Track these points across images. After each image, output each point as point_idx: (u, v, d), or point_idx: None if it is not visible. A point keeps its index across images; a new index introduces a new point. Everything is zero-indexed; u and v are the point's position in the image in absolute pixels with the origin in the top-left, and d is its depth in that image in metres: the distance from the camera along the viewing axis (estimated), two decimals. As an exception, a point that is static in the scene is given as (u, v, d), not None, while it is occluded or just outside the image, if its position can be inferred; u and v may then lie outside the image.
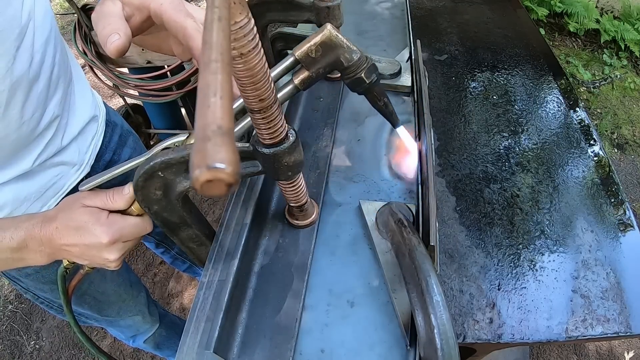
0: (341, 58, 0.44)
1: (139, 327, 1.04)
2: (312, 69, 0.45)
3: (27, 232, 0.47)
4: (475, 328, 0.53)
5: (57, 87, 0.61)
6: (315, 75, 0.45)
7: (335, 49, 0.44)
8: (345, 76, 0.47)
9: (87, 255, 0.48)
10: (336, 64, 0.45)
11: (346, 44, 0.44)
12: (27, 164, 0.59)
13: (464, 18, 1.06)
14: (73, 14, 2.76)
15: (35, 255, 0.48)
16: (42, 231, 0.46)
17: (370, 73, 0.47)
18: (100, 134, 0.75)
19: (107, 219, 0.46)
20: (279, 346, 0.45)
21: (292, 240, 0.54)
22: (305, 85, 0.46)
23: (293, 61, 0.45)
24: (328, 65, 0.45)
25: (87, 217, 0.46)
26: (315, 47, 0.43)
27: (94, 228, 0.45)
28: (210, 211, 1.92)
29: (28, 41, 0.53)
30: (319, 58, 0.44)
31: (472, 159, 0.72)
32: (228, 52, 0.18)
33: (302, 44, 0.44)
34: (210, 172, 0.14)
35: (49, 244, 0.47)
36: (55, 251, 0.48)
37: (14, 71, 0.51)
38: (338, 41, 0.43)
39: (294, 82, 0.46)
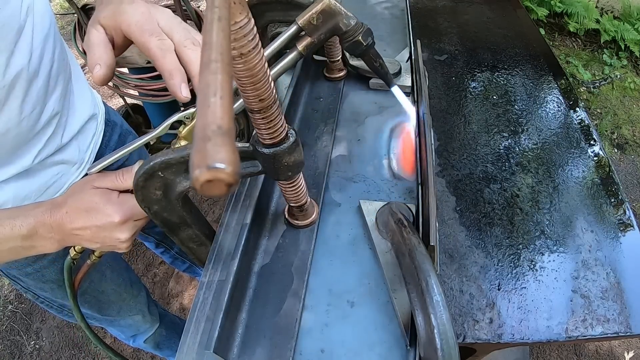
0: (340, 24, 0.49)
1: (139, 326, 1.04)
2: (314, 35, 0.49)
3: (37, 219, 0.47)
4: (475, 328, 0.53)
5: (57, 83, 0.61)
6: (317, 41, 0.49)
7: (334, 15, 0.48)
8: (344, 40, 0.51)
9: (98, 237, 0.48)
10: (336, 29, 0.49)
11: (344, 11, 0.48)
12: (27, 161, 0.59)
13: (464, 18, 1.06)
14: (73, 14, 2.76)
15: (45, 242, 0.48)
16: (52, 217, 0.47)
17: (367, 36, 0.51)
18: (100, 133, 0.76)
19: (118, 198, 0.47)
20: (279, 346, 0.45)
21: (292, 240, 0.54)
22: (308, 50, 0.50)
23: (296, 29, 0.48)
24: (328, 30, 0.49)
25: (98, 197, 0.46)
26: (317, 15, 0.47)
27: (106, 208, 0.46)
28: (210, 211, 1.92)
29: (27, 37, 0.53)
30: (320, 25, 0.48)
31: (472, 159, 0.72)
32: (228, 52, 0.18)
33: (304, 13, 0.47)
34: (210, 172, 0.14)
35: (59, 230, 0.47)
36: (65, 237, 0.48)
37: (13, 66, 0.51)
38: (337, 9, 0.48)
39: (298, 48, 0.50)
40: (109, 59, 0.43)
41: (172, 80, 0.43)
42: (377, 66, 0.57)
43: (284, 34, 0.48)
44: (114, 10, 0.44)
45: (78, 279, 0.56)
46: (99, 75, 0.42)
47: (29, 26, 0.54)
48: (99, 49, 0.43)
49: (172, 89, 0.43)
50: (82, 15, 1.38)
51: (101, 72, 0.42)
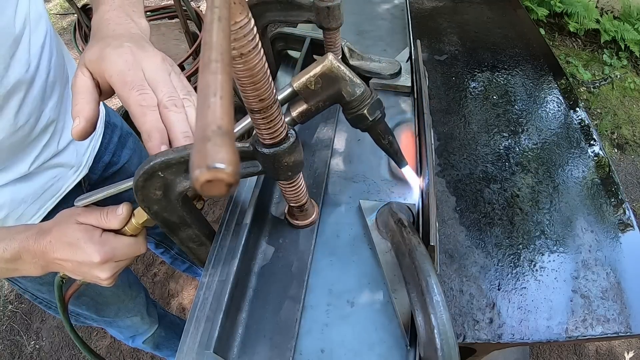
0: (343, 92, 0.41)
1: (138, 327, 1.04)
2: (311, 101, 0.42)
3: (21, 244, 0.46)
4: (475, 328, 0.53)
5: (53, 91, 0.60)
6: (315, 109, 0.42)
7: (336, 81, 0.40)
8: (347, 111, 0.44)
9: (79, 271, 0.48)
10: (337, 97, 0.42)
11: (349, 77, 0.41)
12: (24, 167, 0.58)
13: (464, 18, 1.06)
14: (73, 14, 2.76)
15: (29, 266, 0.48)
16: (36, 244, 0.46)
17: (374, 109, 0.43)
18: (99, 136, 0.75)
19: (99, 238, 0.46)
20: (279, 346, 0.45)
21: (292, 240, 0.54)
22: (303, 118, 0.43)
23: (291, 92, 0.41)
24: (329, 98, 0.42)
25: (80, 234, 0.45)
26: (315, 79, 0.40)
27: (86, 246, 0.45)
28: (210, 211, 1.92)
29: (24, 48, 0.52)
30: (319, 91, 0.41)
31: (472, 159, 0.72)
32: (228, 52, 0.18)
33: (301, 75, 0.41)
34: (210, 172, 0.14)
35: (42, 257, 0.47)
36: (48, 264, 0.48)
37: (8, 79, 0.50)
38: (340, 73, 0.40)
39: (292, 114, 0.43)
40: (89, 112, 0.40)
41: (150, 142, 0.39)
42: (386, 144, 0.48)
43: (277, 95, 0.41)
44: (99, 53, 0.41)
45: (68, 295, 0.55)
46: (78, 130, 0.39)
47: (25, 36, 0.52)
48: (82, 99, 0.40)
49: (150, 151, 0.39)
50: (82, 15, 1.39)
51: (80, 127, 0.39)
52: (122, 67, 0.40)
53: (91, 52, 0.42)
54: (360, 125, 0.45)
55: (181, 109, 0.41)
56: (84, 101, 0.40)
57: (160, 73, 0.42)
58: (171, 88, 0.41)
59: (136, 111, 0.39)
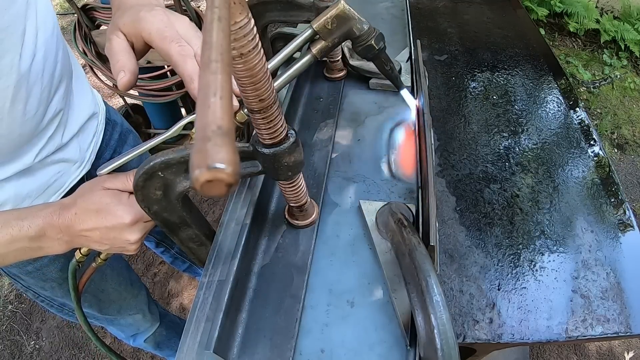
0: (354, 28, 0.50)
1: (140, 325, 1.04)
2: (328, 39, 0.50)
3: (45, 220, 0.47)
4: (475, 328, 0.53)
5: (60, 83, 0.61)
6: (331, 44, 0.51)
7: (348, 20, 0.49)
8: (357, 44, 0.52)
9: (107, 238, 0.48)
10: (349, 33, 0.50)
11: (357, 16, 0.49)
12: (28, 159, 0.59)
13: (464, 18, 1.06)
14: (73, 14, 2.76)
15: (53, 243, 0.48)
16: (60, 218, 0.47)
17: (379, 40, 0.53)
18: (100, 132, 0.76)
19: (128, 200, 0.47)
20: (279, 346, 0.45)
21: (292, 240, 0.54)
22: (322, 54, 0.51)
23: (311, 32, 0.49)
24: (342, 35, 0.50)
25: (109, 198, 0.46)
26: (331, 20, 0.49)
27: (117, 209, 0.46)
28: (210, 211, 1.92)
29: (31, 38, 0.54)
30: (334, 29, 0.49)
31: (472, 159, 0.72)
32: (228, 52, 0.18)
33: (319, 17, 0.49)
34: (210, 172, 0.14)
35: (67, 231, 0.47)
36: (73, 238, 0.48)
37: (19, 68, 0.52)
38: (351, 14, 0.49)
39: (312, 51, 0.51)
40: (132, 65, 0.44)
41: (193, 84, 0.44)
42: (388, 70, 0.58)
43: (299, 37, 0.49)
44: (133, 17, 0.45)
45: (83, 281, 0.55)
46: (124, 81, 0.44)
47: (32, 27, 0.54)
48: (122, 56, 0.44)
49: (193, 93, 0.44)
50: (82, 15, 1.39)
51: (126, 79, 0.44)
52: (159, 25, 0.45)
53: (125, 17, 0.46)
54: (368, 54, 0.54)
55: None
56: (125, 58, 0.44)
57: (192, 31, 0.47)
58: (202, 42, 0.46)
59: (178, 60, 0.43)
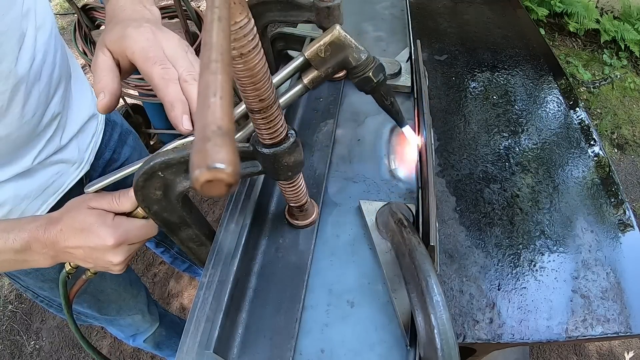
0: (350, 57, 0.45)
1: (139, 326, 1.04)
2: (322, 68, 0.45)
3: (31, 234, 0.46)
4: (475, 328, 0.53)
5: (59, 86, 0.61)
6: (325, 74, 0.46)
7: (344, 48, 0.44)
8: (353, 75, 0.48)
9: (90, 258, 0.47)
10: (345, 63, 0.46)
11: (354, 44, 0.45)
12: (27, 161, 0.59)
13: (464, 18, 1.06)
14: (73, 14, 2.76)
15: (38, 257, 0.48)
16: (45, 233, 0.46)
17: (378, 72, 0.48)
18: (99, 132, 0.76)
19: (112, 221, 0.46)
20: (279, 346, 0.45)
21: (292, 240, 0.54)
22: (314, 84, 0.46)
23: (303, 61, 0.45)
24: (337, 64, 0.45)
25: (93, 218, 0.46)
26: (325, 47, 0.44)
27: (100, 230, 0.45)
28: (210, 211, 1.92)
29: (30, 41, 0.53)
30: (328, 58, 0.45)
31: (472, 159, 0.72)
32: (228, 52, 0.18)
33: (312, 44, 0.44)
34: (210, 173, 0.14)
35: (52, 247, 0.47)
36: (58, 254, 0.48)
37: (16, 71, 0.51)
38: (347, 41, 0.44)
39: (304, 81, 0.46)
40: (113, 87, 0.43)
41: (174, 111, 0.42)
42: (388, 105, 0.53)
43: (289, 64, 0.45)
44: (120, 34, 0.44)
45: (73, 292, 0.55)
46: (103, 103, 0.42)
47: (31, 31, 0.53)
48: (105, 76, 0.43)
49: (173, 121, 0.42)
50: (82, 15, 1.39)
51: (105, 101, 0.42)
52: (144, 44, 0.43)
53: (112, 33, 0.44)
54: (365, 87, 0.49)
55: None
56: (107, 77, 0.43)
57: (179, 50, 0.44)
58: (189, 64, 0.44)
59: (159, 83, 0.42)
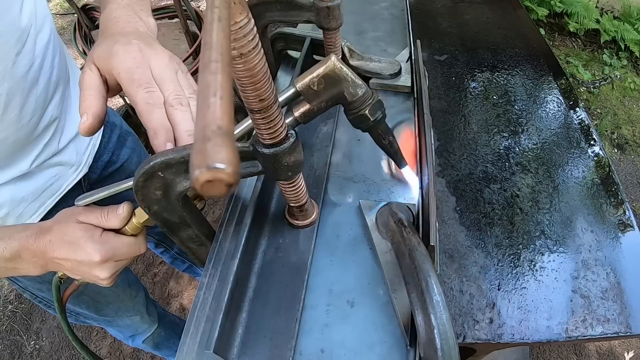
0: (345, 92, 0.42)
1: (138, 327, 1.04)
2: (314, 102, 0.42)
3: (21, 243, 0.46)
4: (475, 328, 0.53)
5: (56, 89, 0.61)
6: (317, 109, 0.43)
7: (339, 82, 0.41)
8: (349, 112, 0.45)
9: (78, 271, 0.47)
10: (339, 98, 0.43)
11: (351, 78, 0.42)
12: (25, 165, 0.59)
13: (464, 18, 1.06)
14: (73, 14, 2.76)
15: (28, 265, 0.48)
16: (35, 243, 0.46)
17: (375, 110, 0.44)
18: (98, 135, 0.75)
19: (100, 237, 0.46)
20: (279, 346, 0.45)
21: (292, 240, 0.54)
22: (306, 118, 0.43)
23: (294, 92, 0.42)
24: (331, 99, 0.42)
25: (81, 233, 0.45)
26: (318, 80, 0.41)
27: (87, 245, 0.45)
28: (210, 211, 1.91)
29: (29, 45, 0.53)
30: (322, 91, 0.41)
31: (472, 159, 0.72)
32: (228, 52, 0.18)
33: (304, 76, 0.41)
34: (210, 173, 0.14)
35: (42, 256, 0.47)
36: (48, 263, 0.48)
37: (12, 75, 0.51)
38: (342, 74, 0.41)
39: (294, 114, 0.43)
40: (97, 108, 0.40)
41: (156, 139, 0.40)
42: (386, 144, 0.50)
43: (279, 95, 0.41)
44: (108, 50, 0.42)
45: (66, 295, 0.55)
46: (85, 126, 0.40)
47: (31, 34, 0.53)
48: (90, 95, 0.41)
49: (156, 149, 0.40)
50: (82, 15, 1.39)
51: (87, 123, 0.40)
52: (131, 64, 0.41)
53: (100, 49, 0.42)
54: (361, 126, 0.46)
55: (187, 108, 0.41)
56: (91, 97, 0.41)
57: (168, 71, 0.42)
58: (177, 86, 0.42)
59: (143, 109, 0.40)
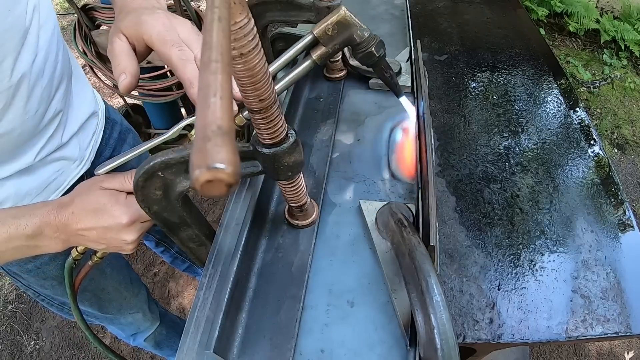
0: (354, 35, 0.50)
1: (140, 324, 1.05)
2: (329, 45, 0.50)
3: (42, 219, 0.47)
4: (475, 328, 0.53)
5: (61, 82, 0.62)
6: (332, 50, 0.50)
7: (349, 27, 0.49)
8: (358, 51, 0.53)
9: (104, 238, 0.48)
10: (350, 40, 0.50)
11: (358, 23, 0.50)
12: (29, 158, 0.59)
13: (464, 18, 1.06)
14: (73, 14, 2.76)
15: (50, 242, 0.48)
16: (57, 217, 0.47)
17: (379, 48, 0.53)
18: (100, 130, 0.76)
19: (125, 200, 0.47)
20: (279, 346, 0.45)
21: (292, 240, 0.54)
22: (322, 59, 0.51)
23: (312, 38, 0.50)
24: (343, 41, 0.50)
25: (106, 199, 0.46)
26: (332, 26, 0.49)
27: (114, 209, 0.46)
28: (210, 211, 1.92)
29: (32, 39, 0.54)
30: (335, 35, 0.49)
31: (472, 159, 0.72)
32: (228, 52, 0.18)
33: (320, 24, 0.49)
34: (210, 173, 0.14)
35: (64, 230, 0.47)
36: (70, 237, 0.48)
37: (19, 68, 0.52)
38: (352, 20, 0.49)
39: (312, 57, 0.51)
40: (133, 68, 0.44)
41: (192, 89, 0.44)
42: (388, 77, 0.58)
43: (299, 42, 0.50)
44: (135, 20, 0.45)
45: (79, 279, 0.56)
46: (125, 84, 0.44)
47: (34, 27, 0.54)
48: (124, 59, 0.44)
49: (193, 97, 0.44)
50: (82, 15, 1.39)
51: (127, 81, 0.44)
52: (161, 28, 0.44)
53: (127, 20, 0.46)
54: (368, 62, 0.54)
55: None
56: (126, 60, 0.44)
57: (193, 35, 0.46)
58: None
59: (178, 64, 0.43)
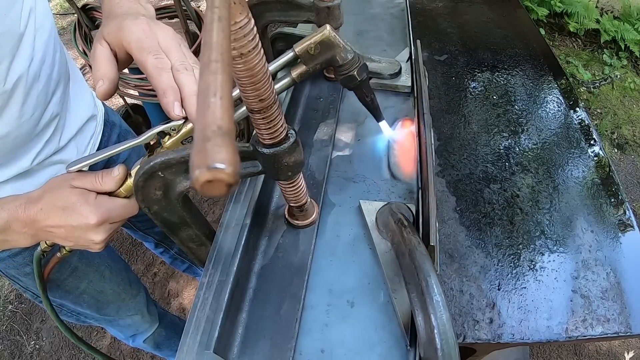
0: (337, 57, 0.48)
1: (138, 326, 1.04)
2: (310, 64, 0.48)
3: (10, 214, 0.46)
4: (475, 328, 0.53)
5: (57, 86, 0.61)
6: (312, 70, 0.49)
7: (332, 48, 0.47)
8: (339, 73, 0.51)
9: (72, 236, 0.48)
10: (332, 61, 0.49)
11: (342, 44, 0.48)
12: (26, 162, 0.59)
13: (464, 18, 1.06)
14: (73, 14, 2.76)
15: (18, 236, 0.48)
16: (25, 212, 0.46)
17: (362, 72, 0.51)
18: (98, 133, 0.76)
19: (95, 200, 0.46)
20: (279, 346, 0.45)
21: (292, 240, 0.54)
22: (301, 78, 0.49)
23: (293, 56, 0.48)
24: (325, 61, 0.49)
25: (76, 197, 0.46)
26: (315, 45, 0.47)
27: (82, 208, 0.45)
28: (210, 211, 1.92)
29: (28, 42, 0.53)
30: (317, 55, 0.48)
31: (472, 159, 0.72)
32: (228, 52, 0.18)
33: (303, 42, 0.47)
34: (210, 173, 0.14)
35: (32, 226, 0.47)
36: (38, 232, 0.48)
37: (14, 72, 0.51)
38: (336, 41, 0.47)
39: (292, 75, 0.49)
40: (111, 74, 0.44)
41: (165, 98, 0.43)
42: (368, 101, 0.57)
43: (280, 59, 0.48)
44: (117, 26, 0.45)
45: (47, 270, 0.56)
46: (102, 90, 0.44)
47: (30, 31, 0.54)
48: (103, 65, 0.44)
49: (165, 107, 0.44)
50: (82, 15, 1.39)
51: (104, 88, 0.44)
52: (140, 35, 0.44)
53: (109, 26, 0.46)
54: (349, 84, 0.53)
55: (191, 72, 0.45)
56: (105, 66, 0.44)
57: (173, 42, 0.46)
58: (182, 55, 0.46)
59: (153, 72, 0.43)
